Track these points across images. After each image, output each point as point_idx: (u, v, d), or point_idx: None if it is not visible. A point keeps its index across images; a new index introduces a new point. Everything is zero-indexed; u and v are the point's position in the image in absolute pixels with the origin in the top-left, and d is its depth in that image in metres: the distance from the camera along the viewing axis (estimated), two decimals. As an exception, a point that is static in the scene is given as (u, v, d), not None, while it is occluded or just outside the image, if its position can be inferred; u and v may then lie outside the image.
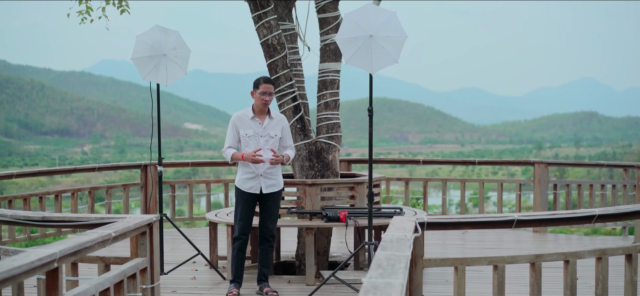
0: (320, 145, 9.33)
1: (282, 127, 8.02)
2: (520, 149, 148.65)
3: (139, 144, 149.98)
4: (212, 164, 13.79)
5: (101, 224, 5.88)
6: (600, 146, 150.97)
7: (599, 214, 6.00)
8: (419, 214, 9.20)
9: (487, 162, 14.37)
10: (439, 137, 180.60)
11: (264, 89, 7.87)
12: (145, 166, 12.03)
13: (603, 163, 12.50)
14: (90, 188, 11.52)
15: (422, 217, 5.60)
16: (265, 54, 9.29)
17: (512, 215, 5.73)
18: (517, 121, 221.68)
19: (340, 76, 9.62)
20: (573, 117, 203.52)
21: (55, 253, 4.29)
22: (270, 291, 7.98)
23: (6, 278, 3.77)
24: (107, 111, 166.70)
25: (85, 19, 10.52)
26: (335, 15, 9.59)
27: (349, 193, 9.30)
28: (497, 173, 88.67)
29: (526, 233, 12.20)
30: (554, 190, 12.26)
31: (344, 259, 9.97)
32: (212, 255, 9.39)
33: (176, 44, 8.51)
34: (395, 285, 3.39)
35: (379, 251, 4.22)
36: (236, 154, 7.87)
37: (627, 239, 11.90)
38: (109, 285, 5.10)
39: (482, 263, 5.80)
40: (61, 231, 11.12)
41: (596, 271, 6.08)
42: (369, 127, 7.59)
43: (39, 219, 6.11)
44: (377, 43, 7.31)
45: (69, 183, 63.06)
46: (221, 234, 10.72)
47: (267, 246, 8.09)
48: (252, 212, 8.02)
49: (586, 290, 8.11)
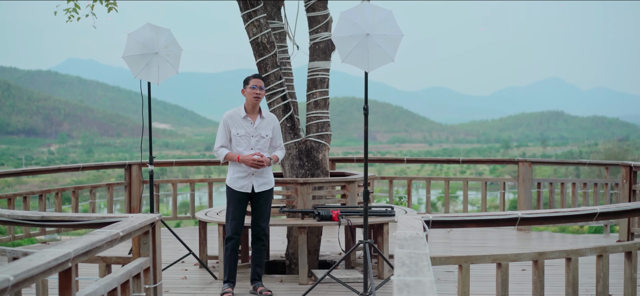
0: (310, 144, 9.32)
1: (273, 128, 8.00)
2: (488, 148, 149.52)
3: (107, 143, 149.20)
4: (198, 163, 13.74)
5: (103, 224, 5.83)
6: (566, 145, 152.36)
7: (601, 212, 6.05)
8: (409, 213, 9.24)
9: (471, 161, 14.42)
10: (407, 137, 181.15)
11: (254, 83, 7.85)
12: (129, 165, 11.94)
13: (585, 162, 12.61)
14: (75, 188, 11.41)
15: (427, 215, 5.61)
16: (254, 53, 9.26)
17: (516, 213, 5.75)
18: (484, 121, 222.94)
19: (329, 74, 9.61)
20: (540, 117, 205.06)
21: (70, 253, 4.25)
22: (264, 290, 7.95)
23: (25, 278, 3.73)
24: (74, 111, 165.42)
25: (72, 17, 10.44)
26: (325, 14, 9.58)
27: (340, 191, 9.31)
28: (464, 172, 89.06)
29: (511, 231, 12.25)
30: (538, 188, 12.33)
31: (333, 258, 9.97)
32: (202, 254, 9.33)
33: (168, 42, 8.45)
34: (426, 282, 3.39)
35: (398, 249, 4.21)
36: (231, 154, 7.82)
37: (609, 237, 11.99)
38: (116, 284, 5.06)
39: (486, 261, 5.81)
40: (45, 231, 11.02)
41: (597, 268, 6.12)
42: (364, 126, 7.58)
43: (38, 219, 6.05)
44: (374, 42, 7.30)
45: (36, 183, 62.45)
46: (210, 234, 10.67)
47: (260, 245, 8.06)
48: (244, 211, 7.98)
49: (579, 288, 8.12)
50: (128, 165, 11.95)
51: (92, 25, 10.25)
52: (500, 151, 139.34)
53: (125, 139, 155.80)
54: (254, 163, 7.72)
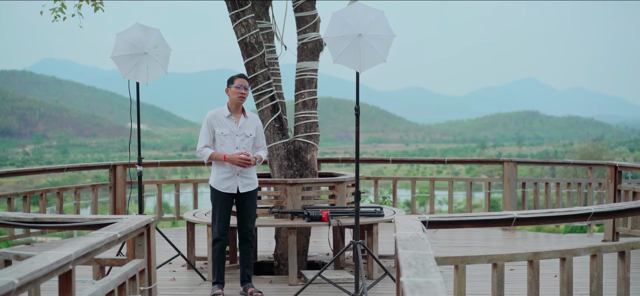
0: (299, 144, 9.30)
1: (256, 127, 7.97)
2: (464, 148, 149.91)
3: (82, 144, 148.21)
4: (181, 163, 13.68)
5: (97, 226, 5.79)
6: (541, 144, 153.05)
7: (595, 212, 6.07)
8: (398, 213, 9.25)
9: (456, 161, 14.45)
10: (384, 137, 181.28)
11: (239, 83, 7.82)
12: (114, 166, 11.87)
13: (569, 162, 12.68)
14: (59, 189, 11.33)
15: (424, 216, 5.61)
16: (242, 53, 9.23)
17: (512, 213, 5.77)
18: (460, 120, 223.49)
19: (317, 74, 9.59)
20: (515, 117, 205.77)
21: (71, 255, 4.21)
22: (254, 291, 7.92)
23: (29, 280, 3.69)
24: (49, 111, 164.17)
25: (59, 17, 10.36)
26: (313, 14, 9.56)
27: (328, 192, 9.30)
28: (441, 172, 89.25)
29: (496, 231, 12.29)
30: (523, 188, 12.37)
31: (321, 258, 9.96)
32: (190, 255, 9.29)
33: (157, 42, 8.40)
34: (436, 283, 3.39)
35: (401, 250, 4.21)
36: (216, 154, 7.78)
37: (593, 237, 12.05)
38: (113, 287, 5.02)
39: (482, 261, 5.82)
40: (29, 233, 10.94)
41: (591, 268, 6.15)
42: (355, 127, 7.58)
43: (30, 221, 6.00)
44: (366, 42, 7.29)
45: (10, 184, 61.89)
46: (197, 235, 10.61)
47: (248, 247, 8.03)
48: (230, 212, 7.95)
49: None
50: (113, 166, 11.88)
51: (78, 25, 10.18)
52: (476, 150, 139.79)
53: (101, 139, 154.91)
54: (241, 162, 7.69)
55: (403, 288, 3.34)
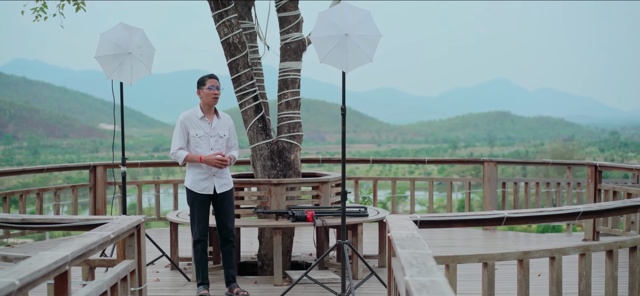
0: (282, 144, 9.28)
1: (229, 127, 7.96)
2: (436, 148, 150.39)
3: (53, 145, 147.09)
4: (162, 164, 13.63)
5: (87, 227, 5.76)
6: (513, 145, 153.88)
7: (584, 211, 6.12)
8: (381, 213, 9.26)
9: (437, 161, 14.50)
10: (356, 137, 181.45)
11: (211, 84, 7.80)
12: (94, 167, 11.79)
13: (548, 161, 12.76)
14: (39, 190, 11.23)
15: (415, 215, 5.63)
16: (225, 53, 9.20)
17: (502, 213, 5.80)
18: (432, 121, 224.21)
19: (300, 74, 9.58)
20: (487, 117, 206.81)
21: (67, 256, 4.18)
22: (240, 291, 7.90)
23: (29, 281, 3.66)
24: (20, 112, 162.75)
25: (40, 17, 10.28)
26: (296, 14, 9.55)
27: (311, 192, 9.29)
28: (413, 172, 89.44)
29: (476, 230, 12.34)
30: (503, 188, 12.44)
31: (304, 258, 9.96)
32: (173, 256, 9.25)
33: (141, 42, 8.36)
34: (441, 282, 3.40)
35: (400, 250, 4.21)
36: (191, 156, 7.75)
37: (571, 236, 12.12)
38: (106, 288, 4.98)
39: (472, 260, 5.85)
40: (9, 234, 10.85)
41: (580, 267, 6.20)
42: (342, 127, 7.58)
43: (19, 222, 5.95)
44: (353, 42, 7.29)
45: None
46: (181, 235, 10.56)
47: (230, 247, 8.00)
48: (208, 213, 7.93)
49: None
50: (93, 167, 11.80)
51: (59, 25, 10.11)
52: (448, 151, 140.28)
53: (72, 140, 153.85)
54: (218, 163, 7.68)
55: (409, 287, 3.34)
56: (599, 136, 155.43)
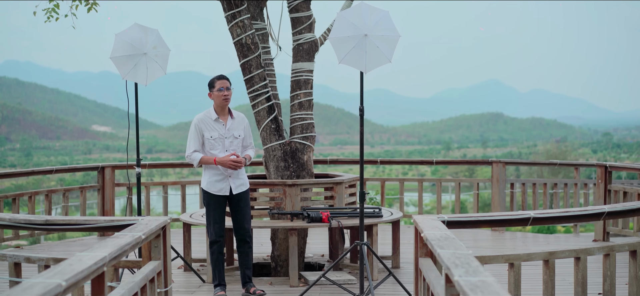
0: (295, 145, 9.26)
1: (244, 127, 7.93)
2: (429, 150, 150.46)
3: (46, 146, 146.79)
4: (171, 165, 13.61)
5: (111, 228, 5.73)
6: (506, 146, 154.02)
7: (609, 211, 6.11)
8: (395, 214, 9.25)
9: (446, 162, 14.49)
10: (349, 139, 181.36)
11: (220, 85, 7.77)
12: (102, 168, 11.75)
13: (556, 162, 12.77)
14: (48, 191, 11.19)
15: (443, 216, 5.61)
16: (238, 54, 9.17)
17: (528, 213, 5.79)
18: (425, 122, 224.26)
19: (313, 75, 9.57)
20: (480, 118, 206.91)
21: (105, 257, 4.15)
22: (257, 290, 7.88)
23: (73, 282, 3.63)
24: (12, 113, 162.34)
25: (51, 17, 10.23)
26: (308, 15, 9.53)
27: (324, 193, 9.27)
28: (407, 173, 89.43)
29: (485, 231, 12.33)
30: (511, 189, 12.44)
31: (317, 259, 9.94)
32: (186, 257, 9.22)
33: (156, 43, 8.32)
34: (492, 282, 3.38)
35: (440, 250, 4.20)
36: (206, 158, 7.73)
37: (579, 237, 12.12)
38: (137, 289, 4.96)
39: (498, 261, 5.84)
40: (18, 235, 10.81)
41: (604, 267, 6.21)
42: (360, 127, 7.56)
43: (42, 223, 5.92)
44: (372, 42, 7.28)
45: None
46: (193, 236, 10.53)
47: (247, 248, 7.98)
48: (224, 213, 7.91)
49: (565, 286, 8.18)
50: (101, 168, 11.76)
51: (71, 25, 10.07)
52: (441, 152, 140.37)
53: (65, 142, 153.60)
54: (232, 164, 7.66)
55: (461, 288, 3.33)
56: (591, 137, 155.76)
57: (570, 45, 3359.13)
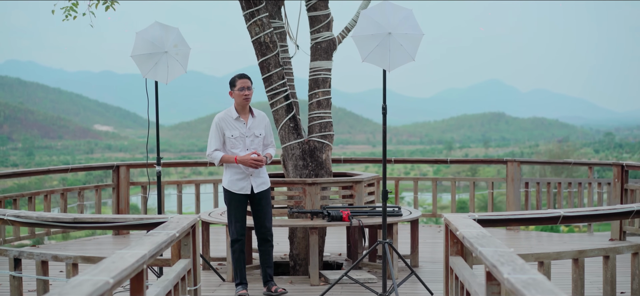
0: (314, 144, 9.25)
1: (265, 126, 7.92)
2: (431, 149, 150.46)
3: (48, 146, 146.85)
4: (186, 164, 13.62)
5: (141, 226, 5.73)
6: (508, 145, 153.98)
7: (637, 210, 6.10)
8: (413, 213, 9.24)
9: (460, 161, 14.47)
10: (351, 138, 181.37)
11: (241, 85, 7.76)
12: (117, 167, 11.74)
13: (570, 161, 12.76)
14: (64, 190, 11.19)
15: (474, 214, 5.60)
16: (256, 53, 9.16)
17: (558, 211, 5.78)
18: (426, 122, 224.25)
19: (331, 74, 9.55)
20: (481, 118, 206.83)
21: (145, 255, 4.14)
22: (278, 288, 7.87)
23: (119, 279, 3.63)
24: (14, 113, 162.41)
25: (69, 16, 10.23)
26: (326, 13, 9.51)
27: (344, 192, 9.25)
28: (409, 173, 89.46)
29: (500, 230, 12.31)
30: (526, 188, 12.43)
31: (334, 258, 9.94)
32: (205, 256, 9.22)
33: (177, 41, 8.29)
34: (542, 279, 3.37)
35: (481, 248, 4.18)
36: (227, 156, 7.72)
37: (593, 236, 12.11)
38: (170, 287, 4.95)
39: (528, 259, 5.83)
40: (34, 234, 10.82)
41: (632, 266, 6.20)
42: (382, 125, 7.55)
43: (70, 221, 5.91)
44: (396, 41, 7.26)
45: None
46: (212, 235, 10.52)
47: (268, 247, 7.97)
48: (245, 212, 7.90)
49: (587, 285, 8.16)
50: (116, 167, 11.75)
51: (89, 24, 10.05)
52: (443, 152, 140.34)
53: (67, 141, 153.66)
54: (253, 163, 7.64)
55: (513, 285, 3.31)
56: (593, 137, 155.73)
57: (570, 45, 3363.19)
